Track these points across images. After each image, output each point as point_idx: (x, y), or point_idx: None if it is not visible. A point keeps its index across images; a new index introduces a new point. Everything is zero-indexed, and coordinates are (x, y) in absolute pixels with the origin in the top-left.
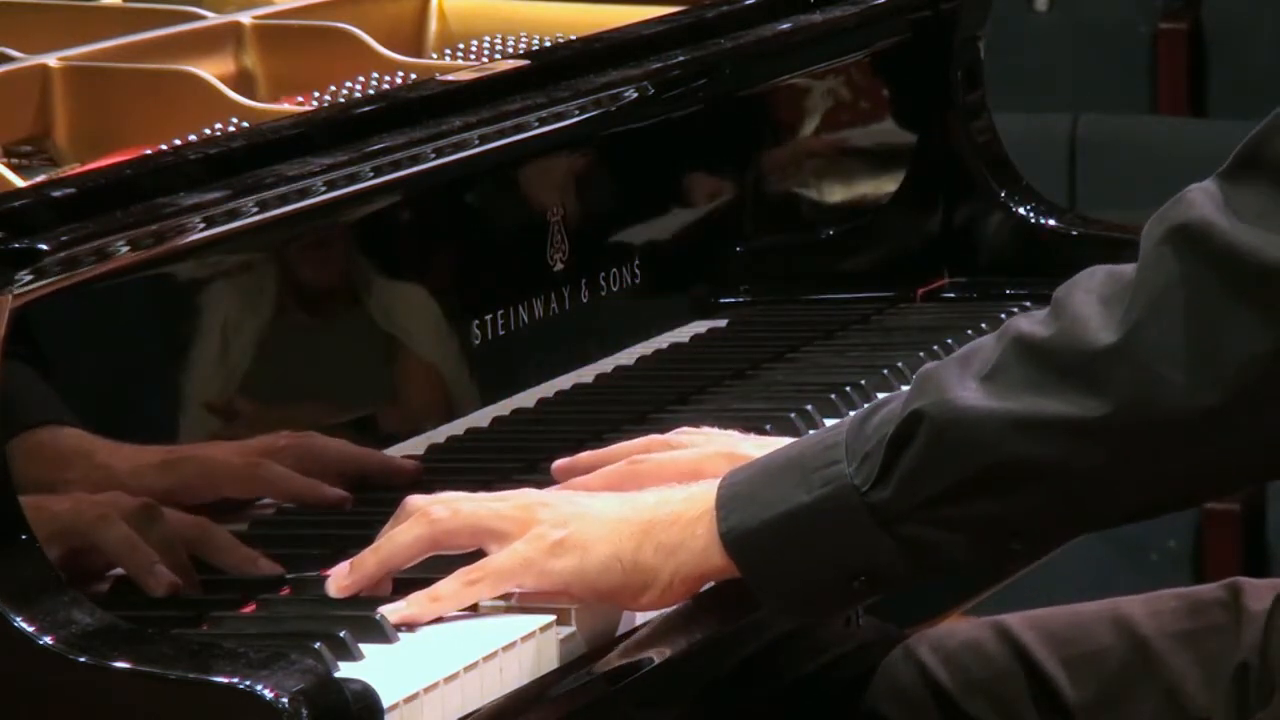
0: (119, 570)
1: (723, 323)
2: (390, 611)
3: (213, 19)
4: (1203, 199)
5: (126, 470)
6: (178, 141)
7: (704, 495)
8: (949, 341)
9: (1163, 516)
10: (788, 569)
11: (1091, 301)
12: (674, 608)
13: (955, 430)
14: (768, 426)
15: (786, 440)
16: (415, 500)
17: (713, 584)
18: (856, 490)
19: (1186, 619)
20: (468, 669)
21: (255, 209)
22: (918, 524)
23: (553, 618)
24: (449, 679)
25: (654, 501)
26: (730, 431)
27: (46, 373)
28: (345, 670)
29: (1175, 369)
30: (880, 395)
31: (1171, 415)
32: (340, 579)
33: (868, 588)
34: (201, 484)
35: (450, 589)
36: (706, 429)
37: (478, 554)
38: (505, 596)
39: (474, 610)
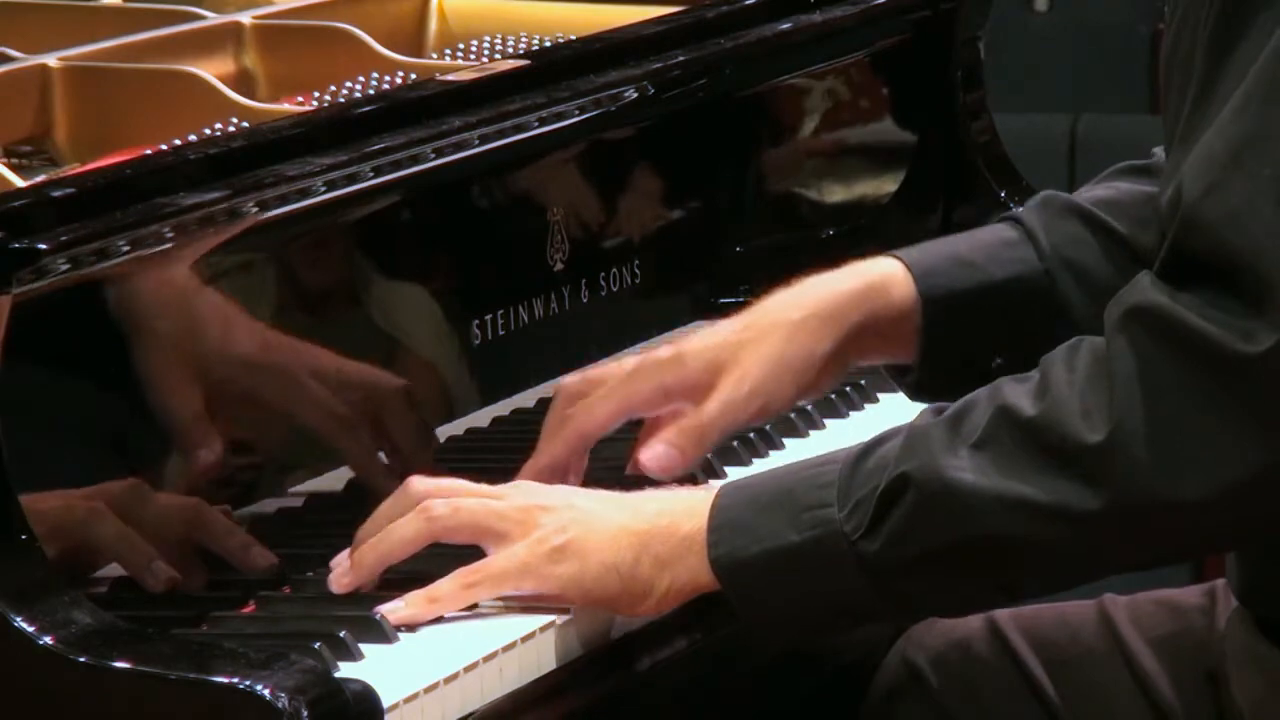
0: (120, 570)
1: None
2: (389, 612)
3: (213, 19)
4: (1154, 283)
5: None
6: (178, 141)
7: (701, 509)
8: None
9: None
10: (774, 601)
11: (1076, 383)
12: (673, 609)
13: (942, 500)
14: (767, 427)
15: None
16: (416, 485)
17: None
18: (846, 537)
19: (1164, 623)
20: (468, 669)
21: (255, 209)
22: (903, 578)
23: (553, 618)
24: (449, 679)
25: (654, 511)
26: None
27: (47, 371)
28: (345, 670)
29: (1159, 466)
30: (881, 396)
31: (1156, 508)
32: (341, 576)
33: (853, 621)
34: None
35: (448, 590)
36: (622, 360)
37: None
38: (504, 597)
39: (474, 609)
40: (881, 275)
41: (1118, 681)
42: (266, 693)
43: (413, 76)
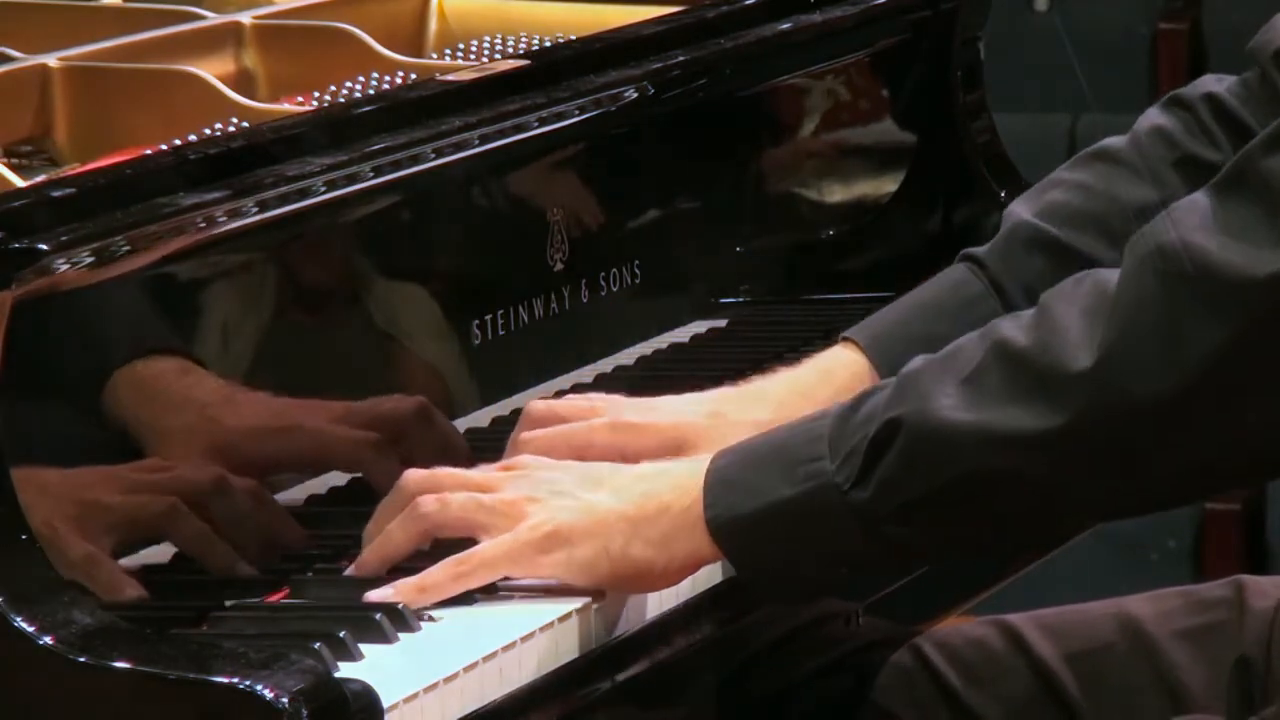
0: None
1: (723, 323)
2: (377, 598)
3: (213, 19)
4: (1188, 217)
5: (240, 431)
6: (178, 141)
7: (691, 483)
8: None
9: (1163, 515)
10: (773, 557)
11: (1073, 314)
12: (675, 606)
13: (931, 441)
14: None
15: (668, 399)
16: (410, 479)
17: (714, 586)
18: (838, 489)
19: (1190, 616)
20: (468, 669)
21: (255, 209)
22: (895, 525)
23: (554, 618)
24: (449, 679)
25: (641, 493)
26: (614, 397)
27: (47, 372)
28: (345, 670)
29: (1141, 371)
30: None
31: (1135, 409)
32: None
33: (852, 574)
34: (313, 453)
35: (438, 579)
36: (591, 395)
37: None
38: (513, 589)
39: (473, 609)
40: (847, 373)
41: (1141, 672)
42: (267, 693)
43: (413, 76)
